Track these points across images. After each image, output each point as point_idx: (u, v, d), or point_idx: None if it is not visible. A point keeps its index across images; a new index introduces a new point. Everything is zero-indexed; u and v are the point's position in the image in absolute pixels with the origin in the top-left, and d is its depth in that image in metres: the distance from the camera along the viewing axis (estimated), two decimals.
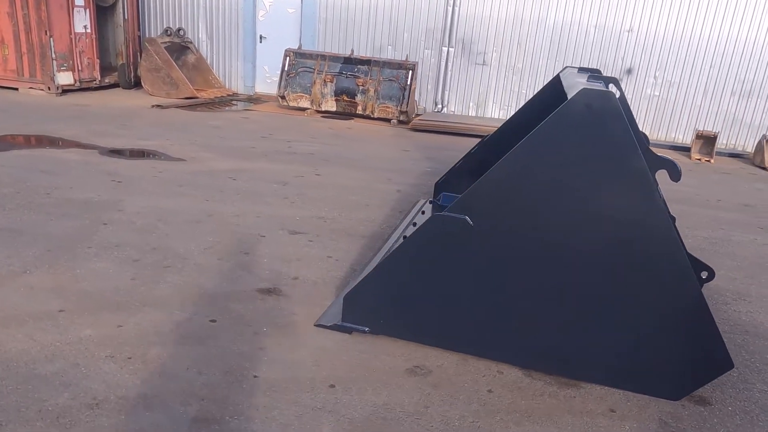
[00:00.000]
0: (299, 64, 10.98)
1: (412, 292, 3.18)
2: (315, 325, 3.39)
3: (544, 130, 2.77)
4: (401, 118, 10.66)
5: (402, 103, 10.59)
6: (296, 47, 11.36)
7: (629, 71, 10.99)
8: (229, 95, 12.35)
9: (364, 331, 3.31)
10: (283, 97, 11.06)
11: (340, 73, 10.83)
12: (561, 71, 5.15)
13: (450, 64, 11.55)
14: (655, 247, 2.73)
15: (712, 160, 9.96)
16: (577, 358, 3.03)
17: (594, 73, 4.45)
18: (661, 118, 11.16)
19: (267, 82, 12.66)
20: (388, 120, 10.69)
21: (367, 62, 10.77)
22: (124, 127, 8.39)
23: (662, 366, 2.90)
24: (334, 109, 10.99)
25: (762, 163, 9.85)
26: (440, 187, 5.77)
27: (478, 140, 10.06)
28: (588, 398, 2.94)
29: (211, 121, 9.56)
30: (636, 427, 2.75)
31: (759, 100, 10.73)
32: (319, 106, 10.96)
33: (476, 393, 2.91)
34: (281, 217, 5.15)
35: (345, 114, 10.94)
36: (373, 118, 10.76)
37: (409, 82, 10.51)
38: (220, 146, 7.69)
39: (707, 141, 10.21)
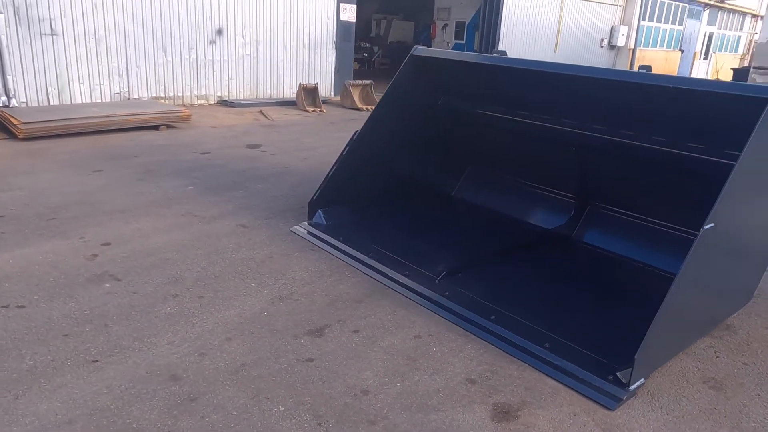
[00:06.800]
0: None
1: (688, 313, 3.07)
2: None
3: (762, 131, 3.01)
4: None
5: None
6: None
7: (220, 31, 10.48)
8: None
9: (642, 384, 2.94)
10: None
11: None
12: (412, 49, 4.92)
13: (5, 39, 8.16)
14: None
15: (323, 110, 11.00)
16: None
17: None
18: (255, 77, 11.30)
19: None
20: None
21: None
22: None
23: None
24: None
25: (353, 105, 11.56)
26: (315, 204, 4.78)
27: (118, 134, 7.93)
28: None
29: None
30: None
31: (322, 51, 12.22)
32: None
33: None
34: (223, 322, 3.25)
35: None
36: None
37: None
38: None
39: (309, 92, 11.12)
